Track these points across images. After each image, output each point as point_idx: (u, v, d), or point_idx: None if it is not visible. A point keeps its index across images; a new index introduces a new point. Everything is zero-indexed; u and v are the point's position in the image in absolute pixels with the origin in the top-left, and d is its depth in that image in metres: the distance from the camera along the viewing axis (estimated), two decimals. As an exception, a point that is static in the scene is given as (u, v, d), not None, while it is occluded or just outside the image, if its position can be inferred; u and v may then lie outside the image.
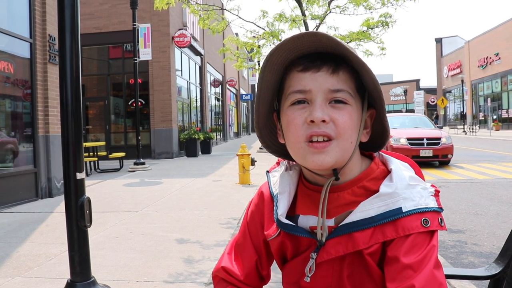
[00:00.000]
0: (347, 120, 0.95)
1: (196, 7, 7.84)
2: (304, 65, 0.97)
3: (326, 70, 0.95)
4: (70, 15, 2.89)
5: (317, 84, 0.95)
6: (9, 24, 7.47)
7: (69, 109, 2.95)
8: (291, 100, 0.98)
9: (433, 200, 0.97)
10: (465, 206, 6.62)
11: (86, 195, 3.03)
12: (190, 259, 4.03)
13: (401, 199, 0.95)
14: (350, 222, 0.97)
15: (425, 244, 0.92)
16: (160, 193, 7.96)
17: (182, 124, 18.70)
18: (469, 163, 12.48)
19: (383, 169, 1.04)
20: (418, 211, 0.94)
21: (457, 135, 31.34)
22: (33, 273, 3.76)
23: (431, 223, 0.93)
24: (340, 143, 0.94)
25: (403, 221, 0.93)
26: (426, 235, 0.93)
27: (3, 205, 6.78)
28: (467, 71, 44.64)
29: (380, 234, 0.95)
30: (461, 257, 4.29)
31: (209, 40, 24.82)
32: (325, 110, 0.94)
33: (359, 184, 1.02)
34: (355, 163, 1.03)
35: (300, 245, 1.06)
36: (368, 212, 0.95)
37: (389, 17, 7.42)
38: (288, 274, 1.11)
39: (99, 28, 16.42)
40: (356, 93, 0.98)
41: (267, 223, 1.12)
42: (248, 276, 1.17)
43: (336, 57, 0.96)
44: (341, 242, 0.97)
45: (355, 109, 0.97)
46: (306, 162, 0.97)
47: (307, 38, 0.92)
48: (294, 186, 1.11)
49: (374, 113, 1.05)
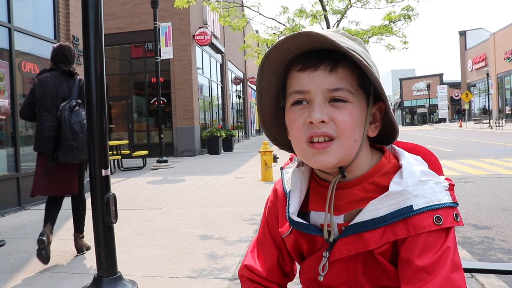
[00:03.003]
0: (348, 119, 0.93)
1: (217, 5, 7.87)
2: (302, 64, 0.95)
3: (324, 69, 0.93)
4: (94, 14, 2.94)
5: (315, 84, 0.93)
6: (35, 26, 7.64)
7: (93, 108, 3.00)
8: (292, 101, 0.97)
9: (447, 195, 0.93)
10: (492, 202, 6.48)
11: (112, 192, 3.08)
12: (213, 255, 4.06)
13: (411, 197, 0.92)
14: (359, 221, 0.95)
15: (439, 244, 0.90)
16: (183, 191, 8.03)
17: (204, 122, 18.80)
18: (495, 158, 12.21)
19: (394, 163, 1.02)
20: (430, 208, 0.91)
21: (482, 130, 30.72)
22: (61, 269, 3.85)
23: (444, 220, 0.90)
24: (342, 142, 0.93)
25: (415, 220, 0.90)
26: (440, 233, 0.90)
27: (31, 202, 6.95)
28: (493, 64, 43.56)
29: (391, 233, 0.92)
30: (488, 253, 4.20)
31: (230, 37, 24.88)
32: (324, 110, 0.92)
33: (370, 180, 1.00)
34: (364, 159, 1.01)
35: (315, 243, 1.05)
36: (378, 211, 0.93)
37: (411, 10, 7.30)
38: (306, 272, 1.10)
39: (121, 28, 16.63)
40: (359, 88, 0.96)
41: (281, 220, 1.12)
42: (271, 272, 1.17)
43: (336, 53, 0.93)
44: (352, 242, 0.96)
45: (357, 106, 0.95)
46: (309, 162, 0.97)
47: (302, 38, 0.90)
48: (306, 183, 1.10)
49: (383, 106, 1.02)
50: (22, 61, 7.21)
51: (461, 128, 36.53)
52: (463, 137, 24.20)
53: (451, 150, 15.74)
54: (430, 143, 19.53)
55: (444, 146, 17.53)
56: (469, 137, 23.86)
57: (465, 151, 14.90)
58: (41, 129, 4.13)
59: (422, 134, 30.36)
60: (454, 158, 12.76)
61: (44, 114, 4.11)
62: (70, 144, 3.96)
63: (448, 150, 15.54)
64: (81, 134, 3.98)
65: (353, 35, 7.47)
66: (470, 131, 30.54)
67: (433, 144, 18.39)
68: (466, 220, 5.45)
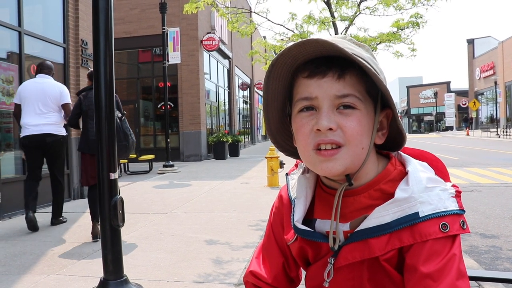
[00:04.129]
0: (356, 126, 0.92)
1: (225, 10, 7.90)
2: (309, 71, 0.94)
3: (331, 76, 0.92)
4: (105, 18, 2.96)
5: (323, 91, 0.93)
6: (44, 30, 7.71)
7: (102, 111, 3.02)
8: (299, 107, 0.97)
9: (453, 202, 0.92)
10: (500, 211, 6.43)
11: (119, 195, 3.09)
12: (219, 260, 4.05)
13: (418, 203, 0.91)
14: (365, 228, 0.94)
15: (445, 251, 0.89)
16: (189, 195, 8.04)
17: (210, 127, 18.84)
18: (503, 167, 12.13)
19: (401, 169, 1.01)
20: (436, 215, 0.90)
21: (490, 138, 30.53)
22: (67, 271, 3.86)
23: (451, 227, 0.89)
24: (350, 149, 0.92)
25: (420, 227, 0.89)
26: (446, 240, 0.89)
27: (38, 205, 6.96)
28: (501, 72, 43.37)
29: (397, 240, 0.92)
30: (496, 263, 4.17)
31: (237, 43, 24.96)
32: (332, 118, 0.92)
33: (376, 187, 0.99)
34: (371, 166, 1.00)
35: (320, 249, 1.04)
36: (384, 218, 0.92)
37: (420, 17, 7.29)
38: (311, 278, 1.10)
39: (129, 32, 16.74)
40: (366, 95, 0.95)
41: (287, 227, 1.12)
42: (276, 279, 1.16)
43: (344, 60, 0.92)
44: (357, 248, 0.95)
45: (365, 113, 0.94)
46: (316, 169, 0.96)
47: (309, 45, 0.90)
48: (311, 190, 1.09)
49: (390, 114, 1.01)
50: (32, 64, 7.27)
51: (468, 136, 36.33)
52: (470, 145, 24.08)
53: (458, 158, 15.66)
54: (437, 151, 19.44)
55: (451, 155, 17.45)
56: (476, 145, 23.73)
57: (472, 160, 14.82)
58: (87, 134, 5.15)
59: (428, 142, 30.22)
60: (461, 166, 12.69)
61: (90, 122, 5.11)
62: (123, 144, 4.95)
63: (455, 159, 15.46)
64: (129, 137, 5.03)
65: (361, 42, 7.47)
66: (478, 140, 30.37)
67: (440, 152, 18.30)
68: (473, 229, 5.41)
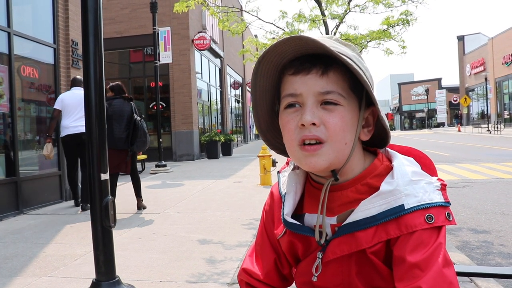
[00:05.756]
0: (338, 122, 0.94)
1: (216, 9, 7.88)
2: (295, 68, 0.97)
3: (315, 73, 0.95)
4: (94, 19, 2.94)
5: (307, 87, 0.95)
6: (34, 30, 7.65)
7: (93, 112, 3.00)
8: (285, 104, 0.99)
9: (438, 195, 0.95)
10: (491, 206, 6.48)
11: (110, 196, 3.08)
12: (212, 259, 4.05)
13: (403, 196, 0.93)
14: (351, 221, 0.96)
15: (432, 241, 0.91)
16: (182, 195, 8.02)
17: (202, 126, 18.81)
18: (494, 163, 12.23)
19: (387, 165, 1.03)
20: (422, 207, 0.92)
21: (481, 134, 30.76)
22: (59, 273, 3.83)
23: (436, 218, 0.91)
24: (333, 145, 0.94)
25: (406, 218, 0.92)
26: (432, 231, 0.91)
27: (30, 206, 6.94)
28: (491, 68, 43.69)
29: (383, 233, 0.94)
30: (487, 258, 4.20)
31: (229, 42, 24.93)
32: (315, 113, 0.93)
33: (363, 181, 1.01)
34: (357, 162, 1.02)
35: (310, 245, 1.06)
36: (370, 211, 0.94)
37: (410, 15, 7.34)
38: (300, 275, 1.11)
39: (120, 32, 16.66)
40: (351, 92, 0.97)
41: (277, 222, 1.14)
42: (268, 275, 1.18)
43: (328, 58, 0.95)
44: (345, 242, 0.97)
45: (348, 110, 0.96)
46: (302, 164, 0.98)
47: (293, 42, 0.92)
48: (301, 185, 1.11)
49: (376, 111, 1.03)
50: (22, 65, 7.21)
51: (460, 132, 36.57)
52: (462, 141, 24.24)
53: (450, 154, 15.75)
54: (428, 147, 19.56)
55: (442, 151, 17.55)
56: (467, 141, 23.89)
57: (464, 156, 14.92)
58: (112, 134, 6.19)
59: (420, 139, 30.40)
60: (453, 162, 12.78)
61: (114, 124, 6.30)
62: (143, 140, 6.39)
63: (446, 155, 15.56)
64: (147, 134, 6.51)
65: (351, 39, 7.47)
66: (469, 136, 30.58)
67: (431, 149, 18.42)
68: (465, 224, 5.45)
